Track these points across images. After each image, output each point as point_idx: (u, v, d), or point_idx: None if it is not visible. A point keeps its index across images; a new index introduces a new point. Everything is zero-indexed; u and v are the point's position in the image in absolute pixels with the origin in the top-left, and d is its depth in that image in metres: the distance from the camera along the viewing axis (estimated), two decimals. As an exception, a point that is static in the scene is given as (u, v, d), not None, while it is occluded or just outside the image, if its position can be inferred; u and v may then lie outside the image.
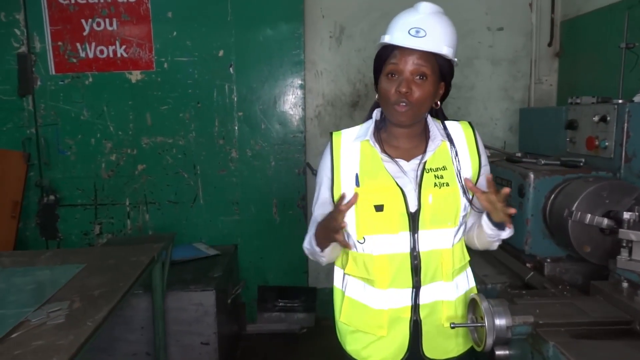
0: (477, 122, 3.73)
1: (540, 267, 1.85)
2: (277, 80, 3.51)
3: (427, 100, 1.35)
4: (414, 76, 1.31)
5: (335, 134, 1.48)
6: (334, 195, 1.42)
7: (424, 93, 1.32)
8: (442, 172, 1.39)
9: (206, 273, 2.96)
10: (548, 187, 1.84)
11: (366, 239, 1.39)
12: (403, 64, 1.31)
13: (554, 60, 3.65)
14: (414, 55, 1.30)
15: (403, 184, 1.37)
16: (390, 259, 1.37)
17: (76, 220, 3.60)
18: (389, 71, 1.34)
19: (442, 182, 1.37)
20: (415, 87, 1.31)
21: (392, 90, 1.33)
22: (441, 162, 1.40)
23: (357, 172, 1.40)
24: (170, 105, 3.50)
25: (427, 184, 1.36)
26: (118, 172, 3.56)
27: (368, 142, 1.41)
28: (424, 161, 1.39)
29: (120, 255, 2.15)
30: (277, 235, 3.64)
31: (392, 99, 1.33)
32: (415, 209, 1.36)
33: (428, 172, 1.38)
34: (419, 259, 1.36)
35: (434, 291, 1.39)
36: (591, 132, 1.98)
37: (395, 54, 1.33)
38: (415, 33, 1.30)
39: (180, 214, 3.61)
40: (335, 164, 1.43)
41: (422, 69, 1.31)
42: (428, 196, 1.35)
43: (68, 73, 3.45)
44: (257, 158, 3.57)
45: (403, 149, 1.43)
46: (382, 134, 1.46)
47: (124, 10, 3.40)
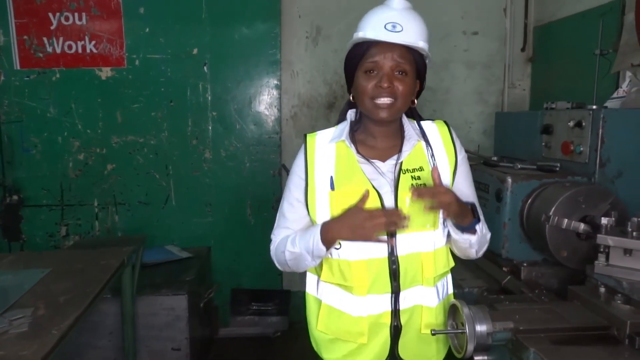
0: (451, 124, 3.73)
1: (517, 271, 1.86)
2: (253, 80, 3.45)
3: (408, 96, 1.33)
4: (394, 72, 1.29)
5: (310, 135, 1.44)
6: (308, 198, 1.38)
7: (405, 88, 1.29)
8: (419, 173, 1.36)
9: (178, 276, 2.88)
10: (525, 192, 1.85)
11: (342, 245, 1.34)
12: (382, 59, 1.28)
13: (527, 65, 3.70)
14: (393, 50, 1.28)
15: (379, 186, 1.33)
16: (368, 265, 1.33)
17: (41, 222, 3.47)
18: (368, 68, 1.31)
19: (419, 183, 1.34)
20: (397, 82, 1.29)
21: (371, 86, 1.30)
22: (418, 162, 1.37)
23: (332, 175, 1.36)
24: (141, 104, 3.40)
25: (404, 186, 1.33)
26: (86, 172, 3.44)
27: (344, 142, 1.38)
28: (400, 161, 1.36)
29: (88, 259, 2.06)
30: (251, 237, 3.58)
31: (372, 94, 1.30)
32: None
33: (405, 173, 1.35)
34: (397, 263, 1.32)
35: (413, 296, 1.36)
36: (566, 137, 2.01)
37: (373, 51, 1.30)
38: (392, 28, 1.28)
39: (152, 215, 3.51)
40: (309, 167, 1.39)
41: (402, 65, 1.29)
42: (405, 198, 1.32)
43: (34, 68, 3.32)
44: (231, 159, 3.51)
45: (379, 149, 1.40)
46: (358, 135, 1.43)
47: (94, 4, 3.29)
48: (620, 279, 1.34)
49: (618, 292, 1.32)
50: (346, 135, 1.38)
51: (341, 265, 1.36)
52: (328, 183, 1.36)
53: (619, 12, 2.62)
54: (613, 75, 2.55)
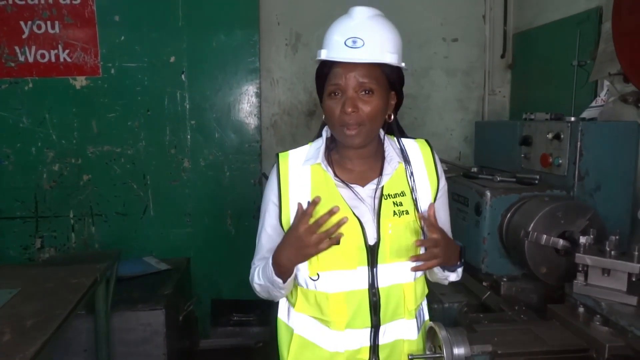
0: (433, 132, 3.76)
1: (497, 286, 1.85)
2: (232, 88, 3.40)
3: (378, 116, 1.23)
4: (359, 92, 1.19)
5: (282, 155, 1.34)
6: (283, 225, 1.29)
7: (372, 109, 1.19)
8: (401, 199, 1.28)
9: (156, 290, 2.81)
10: (504, 206, 1.84)
11: (320, 276, 1.26)
12: (344, 80, 1.18)
13: (506, 72, 3.70)
14: (356, 70, 1.18)
15: (360, 214, 1.25)
16: (348, 297, 1.25)
17: (14, 234, 3.37)
18: (331, 91, 1.22)
19: (401, 209, 1.27)
20: (361, 104, 1.19)
21: (338, 111, 1.21)
22: (399, 186, 1.30)
23: (309, 201, 1.24)
24: (118, 113, 3.32)
25: (385, 213, 1.26)
26: (61, 183, 3.35)
27: (319, 165, 1.29)
28: (381, 186, 1.28)
29: (59, 276, 2.00)
30: (231, 248, 3.52)
31: (339, 121, 1.21)
32: (375, 242, 1.25)
33: (386, 198, 1.27)
34: (378, 296, 1.24)
35: (394, 330, 1.29)
36: (545, 149, 2.00)
37: (335, 72, 1.20)
38: (352, 44, 1.17)
39: (129, 226, 3.43)
40: (283, 190, 1.29)
41: (366, 84, 1.19)
42: (387, 226, 1.25)
43: (5, 78, 3.22)
44: (210, 168, 3.45)
45: (357, 172, 1.31)
46: (334, 155, 1.33)
47: (67, 12, 3.20)
48: (598, 299, 1.32)
49: (597, 312, 1.30)
50: (322, 157, 1.29)
51: (318, 297, 1.28)
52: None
53: (597, 21, 2.63)
54: (591, 84, 2.56)
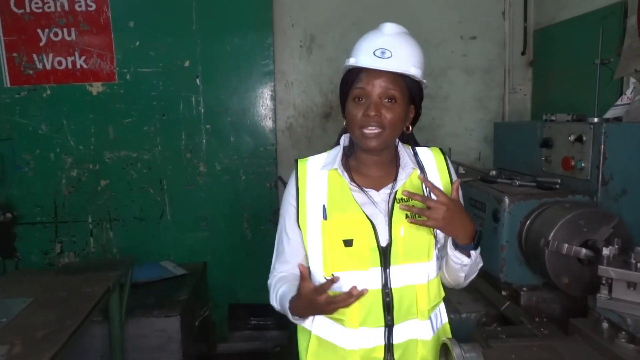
0: (451, 132, 3.68)
1: (517, 295, 1.77)
2: (246, 92, 3.38)
3: (398, 124, 1.29)
4: (383, 99, 1.25)
5: (301, 161, 1.40)
6: (300, 224, 1.34)
7: (394, 116, 1.26)
8: (414, 203, 1.28)
9: (171, 295, 2.81)
10: (523, 212, 1.76)
11: (334, 276, 1.26)
12: (370, 86, 1.25)
13: (527, 69, 3.60)
14: (381, 77, 1.25)
15: (373, 216, 1.29)
16: (362, 298, 1.24)
17: (35, 239, 3.41)
18: (356, 95, 1.28)
19: (413, 213, 1.28)
20: (385, 110, 1.25)
21: (360, 114, 1.26)
22: (412, 191, 1.30)
23: (325, 204, 1.32)
24: (134, 118, 3.34)
25: (398, 216, 1.29)
26: (79, 188, 3.38)
27: (336, 171, 1.33)
28: (395, 191, 1.32)
29: (72, 285, 2.00)
30: (248, 251, 3.50)
31: (360, 123, 1.26)
32: (387, 243, 1.28)
33: (399, 202, 1.30)
34: (391, 296, 1.27)
35: (408, 329, 1.30)
36: (567, 151, 1.91)
37: (361, 77, 1.27)
38: (381, 54, 1.25)
39: (147, 231, 3.44)
40: (301, 194, 1.35)
41: (391, 91, 1.25)
42: (399, 229, 1.28)
43: (24, 85, 3.27)
44: (226, 172, 3.44)
45: (373, 177, 1.36)
46: (351, 161, 1.39)
47: (83, 19, 3.23)
48: (624, 314, 1.25)
49: (622, 329, 1.23)
50: (339, 163, 1.35)
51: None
52: (320, 212, 1.32)
53: (621, 16, 2.52)
54: (616, 82, 2.45)
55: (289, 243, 1.38)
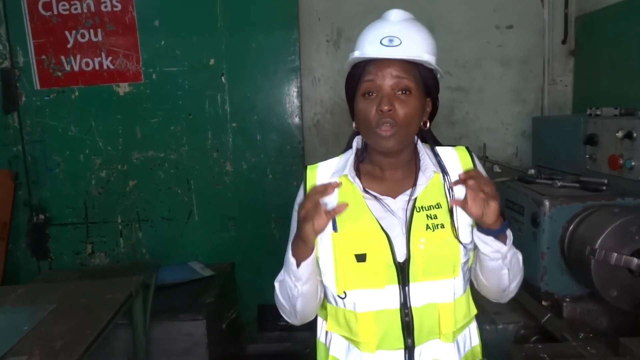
0: (486, 127, 3.51)
1: (559, 306, 1.63)
2: (272, 89, 3.30)
3: (415, 118, 1.15)
4: (396, 91, 1.13)
5: (310, 168, 1.29)
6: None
7: (409, 110, 1.13)
8: (436, 211, 1.17)
9: (198, 298, 2.77)
10: (566, 217, 1.62)
11: (347, 294, 1.18)
12: (380, 78, 1.12)
13: (568, 59, 3.39)
14: (392, 67, 1.12)
15: (389, 228, 1.16)
16: (377, 317, 1.16)
17: (67, 240, 3.45)
18: (365, 90, 1.14)
19: (435, 223, 1.16)
20: (399, 103, 1.12)
21: (372, 111, 1.13)
22: (434, 198, 1.19)
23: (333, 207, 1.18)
24: (160, 118, 3.32)
25: (417, 227, 1.15)
26: (108, 189, 3.39)
27: (347, 177, 1.21)
28: (414, 197, 1.18)
29: (95, 291, 1.97)
30: (276, 252, 3.36)
31: (374, 122, 1.13)
32: (404, 258, 1.14)
33: (419, 211, 1.16)
34: (411, 316, 1.14)
35: (430, 351, 1.17)
36: (614, 149, 1.75)
37: (369, 70, 1.14)
38: (389, 42, 1.12)
39: (175, 231, 3.43)
40: None
41: (404, 81, 1.12)
42: (419, 242, 1.14)
43: (53, 87, 3.29)
44: (253, 171, 3.38)
45: (389, 182, 1.23)
46: (364, 166, 1.26)
47: (109, 20, 3.22)
48: (683, 336, 1.11)
49: (681, 352, 1.10)
50: (350, 168, 1.22)
51: (347, 316, 1.20)
52: (330, 223, 1.17)
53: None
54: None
55: None
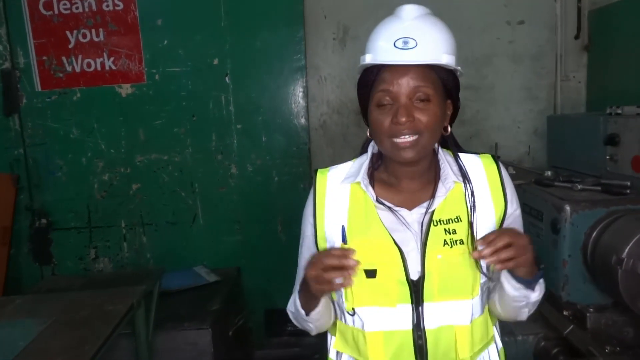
0: (498, 125, 3.41)
1: (582, 317, 1.55)
2: (278, 89, 3.23)
3: (437, 127, 1.07)
4: (413, 100, 1.04)
5: (320, 172, 1.20)
6: (319, 249, 1.15)
7: (430, 119, 1.04)
8: (455, 226, 1.08)
9: (203, 305, 2.71)
10: (588, 223, 1.53)
11: (356, 311, 1.10)
12: (396, 87, 1.03)
13: (582, 54, 3.29)
14: (409, 73, 1.03)
15: (402, 242, 1.08)
16: (387, 338, 1.08)
17: (70, 245, 3.39)
18: (379, 100, 1.06)
19: (453, 238, 1.07)
20: (418, 113, 1.04)
21: (387, 122, 1.04)
22: (454, 211, 1.10)
23: (344, 225, 1.11)
24: (163, 120, 3.25)
25: (434, 242, 1.07)
26: (111, 193, 3.33)
27: (359, 184, 1.13)
28: (432, 210, 1.09)
29: (95, 303, 1.90)
30: (283, 255, 3.36)
31: (389, 132, 1.05)
32: (418, 276, 1.06)
33: (436, 224, 1.08)
34: (424, 339, 1.07)
35: None
36: (638, 150, 1.66)
37: (383, 77, 1.05)
38: (404, 45, 1.03)
39: (179, 235, 3.36)
40: (319, 212, 1.16)
41: (423, 88, 1.03)
42: (435, 258, 1.06)
43: (55, 89, 3.22)
44: (258, 173, 3.31)
45: (405, 193, 1.14)
46: (380, 173, 1.18)
47: (111, 19, 3.15)
48: None
49: None
50: (363, 175, 1.14)
51: (355, 335, 1.12)
52: (339, 234, 1.11)
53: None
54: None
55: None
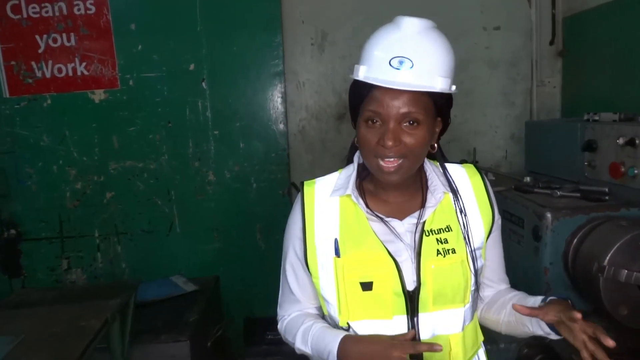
0: (475, 130, 3.44)
1: (563, 324, 1.55)
2: (255, 94, 3.19)
3: (422, 150, 1.06)
4: (402, 123, 1.03)
5: (307, 184, 1.19)
6: (309, 264, 1.13)
7: (416, 142, 1.03)
8: (446, 235, 1.09)
9: (181, 316, 2.64)
10: (569, 229, 1.54)
11: (351, 325, 1.09)
12: (386, 109, 1.02)
13: (557, 60, 3.34)
14: (400, 97, 1.01)
15: (396, 253, 1.07)
16: None
17: (41, 255, 3.27)
18: (368, 117, 1.04)
19: (446, 248, 1.08)
20: (405, 136, 1.02)
21: (374, 141, 1.03)
22: (444, 220, 1.10)
23: (337, 238, 1.10)
24: (138, 126, 3.17)
25: (428, 252, 1.07)
26: (84, 201, 3.23)
27: (349, 197, 1.12)
28: (423, 220, 1.09)
29: (68, 318, 1.83)
30: (262, 263, 3.33)
31: (375, 152, 1.04)
32: (414, 287, 1.06)
33: (428, 235, 1.08)
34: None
35: None
36: (615, 156, 1.68)
37: (374, 96, 1.03)
38: (399, 64, 1.00)
39: (155, 244, 3.29)
40: (308, 225, 1.14)
41: (413, 114, 1.02)
42: (430, 268, 1.06)
43: (24, 95, 3.12)
44: (236, 180, 3.26)
45: (394, 203, 1.14)
46: (367, 184, 1.16)
47: (82, 23, 3.06)
48: None
49: None
50: (352, 186, 1.13)
51: None
52: (332, 247, 1.10)
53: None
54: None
55: (297, 281, 1.19)
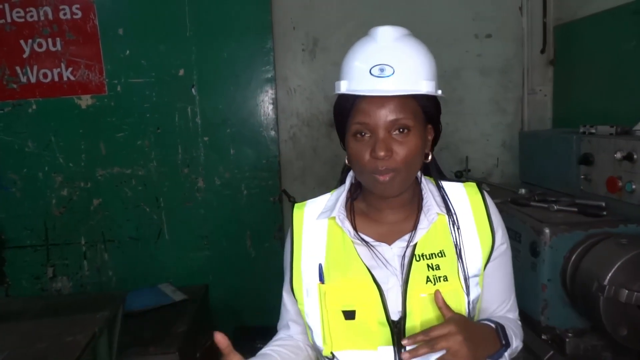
0: (466, 138, 3.43)
1: (561, 342, 1.53)
2: (246, 100, 3.14)
3: (417, 158, 1.02)
4: (392, 132, 0.98)
5: (297, 207, 1.15)
6: (294, 290, 1.09)
7: (409, 151, 0.99)
8: (439, 261, 1.03)
9: (170, 326, 2.59)
10: (568, 246, 1.52)
11: (336, 355, 1.04)
12: (374, 119, 0.98)
13: (548, 68, 3.34)
14: (386, 106, 0.97)
15: (383, 280, 1.02)
16: None
17: (26, 264, 3.20)
18: (356, 131, 1.00)
19: (437, 275, 1.02)
20: (397, 145, 0.98)
21: (366, 156, 0.99)
22: (437, 245, 1.05)
23: (322, 263, 1.06)
24: (126, 132, 3.11)
25: (416, 279, 1.02)
26: (71, 208, 3.16)
27: (335, 220, 1.07)
28: (413, 244, 1.04)
29: (53, 333, 1.77)
30: (252, 271, 3.28)
31: (369, 167, 0.99)
32: (399, 316, 1.01)
33: (419, 259, 1.03)
34: None
35: None
36: (612, 170, 1.67)
37: (360, 107, 0.99)
38: (380, 72, 0.97)
39: (144, 251, 3.23)
40: (295, 249, 1.10)
41: (402, 120, 0.98)
42: (418, 297, 1.00)
43: (8, 101, 3.05)
44: (226, 187, 3.21)
45: (386, 225, 1.09)
46: (359, 203, 1.12)
47: (69, 28, 2.99)
48: None
49: None
50: (340, 209, 1.08)
51: None
52: (316, 273, 1.06)
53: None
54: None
55: (292, 303, 1.15)
